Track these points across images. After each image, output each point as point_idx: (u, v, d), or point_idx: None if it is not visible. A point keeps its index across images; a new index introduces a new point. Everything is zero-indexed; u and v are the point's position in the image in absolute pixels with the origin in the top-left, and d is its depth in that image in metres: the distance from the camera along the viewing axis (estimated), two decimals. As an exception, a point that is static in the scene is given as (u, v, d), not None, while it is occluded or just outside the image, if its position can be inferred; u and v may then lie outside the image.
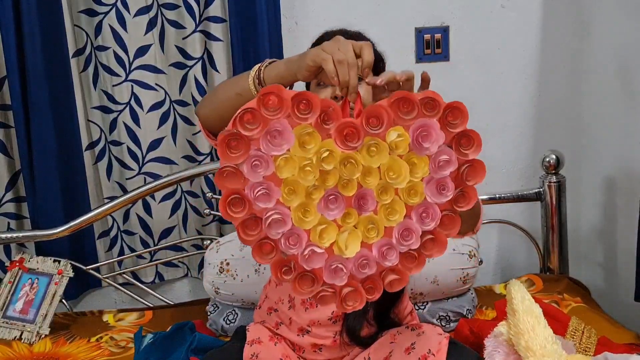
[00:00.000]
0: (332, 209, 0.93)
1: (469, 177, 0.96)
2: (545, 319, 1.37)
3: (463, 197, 0.97)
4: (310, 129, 0.90)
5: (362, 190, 0.94)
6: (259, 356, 1.40)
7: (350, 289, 0.97)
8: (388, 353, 1.36)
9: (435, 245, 0.98)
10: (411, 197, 0.95)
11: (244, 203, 0.92)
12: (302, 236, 0.94)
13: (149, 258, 2.28)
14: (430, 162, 0.94)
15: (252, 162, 0.90)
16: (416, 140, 0.92)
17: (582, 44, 2.25)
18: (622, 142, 2.07)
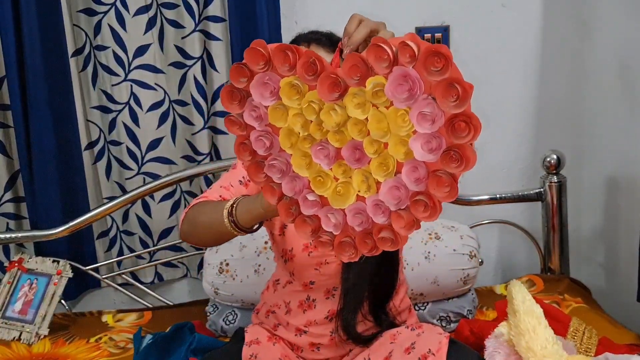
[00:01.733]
0: (322, 159, 0.94)
1: (461, 134, 0.85)
2: (546, 319, 1.37)
3: (458, 157, 0.86)
4: (295, 80, 0.93)
5: (353, 142, 0.92)
6: (258, 356, 1.40)
7: (347, 239, 0.98)
8: (388, 353, 1.35)
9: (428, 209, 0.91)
10: (398, 152, 0.90)
11: (250, 149, 1.00)
12: (301, 183, 0.98)
13: (148, 258, 2.28)
14: (410, 115, 0.86)
15: (250, 111, 0.97)
16: (392, 90, 0.86)
17: (582, 44, 2.25)
18: (623, 142, 2.06)
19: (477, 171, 2.54)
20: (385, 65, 0.86)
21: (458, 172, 0.87)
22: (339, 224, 0.97)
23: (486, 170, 2.34)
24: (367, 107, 0.89)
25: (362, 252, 0.99)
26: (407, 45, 0.83)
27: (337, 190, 0.95)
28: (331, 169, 0.96)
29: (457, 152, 0.85)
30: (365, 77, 0.88)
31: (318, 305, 1.44)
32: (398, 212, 0.93)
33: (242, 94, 0.98)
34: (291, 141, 0.96)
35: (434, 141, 0.86)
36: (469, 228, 2.03)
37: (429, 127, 0.85)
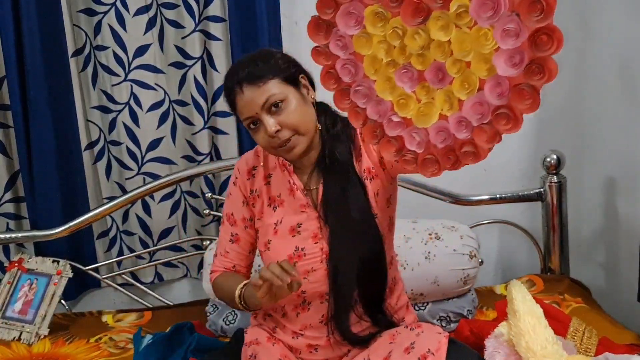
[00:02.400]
0: (405, 82, 0.98)
1: (544, 48, 0.90)
2: (546, 319, 1.37)
3: (540, 70, 0.91)
4: (379, 8, 0.97)
5: (436, 64, 0.95)
6: (258, 357, 1.41)
7: (429, 156, 1.02)
8: (387, 353, 1.35)
9: (510, 121, 0.95)
10: (481, 70, 0.93)
11: (336, 77, 1.05)
12: (385, 106, 1.02)
13: (148, 258, 2.28)
14: (494, 32, 0.89)
15: (335, 41, 1.02)
16: (476, 10, 0.89)
17: (583, 44, 2.25)
18: (623, 142, 2.06)
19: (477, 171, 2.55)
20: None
21: (540, 84, 0.90)
22: (422, 142, 1.01)
23: (486, 170, 2.34)
24: (450, 29, 0.92)
25: (445, 167, 1.04)
26: None
27: (421, 110, 0.99)
28: (414, 92, 0.99)
29: (539, 65, 0.89)
30: (448, 0, 0.91)
31: (312, 308, 1.44)
32: (481, 127, 0.97)
33: (327, 25, 1.03)
34: (375, 67, 1.01)
35: (517, 56, 0.89)
36: (469, 228, 2.03)
37: (512, 42, 0.88)
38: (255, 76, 1.33)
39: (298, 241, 1.42)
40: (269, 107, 1.32)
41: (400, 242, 1.87)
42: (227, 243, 1.52)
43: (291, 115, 1.33)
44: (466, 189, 2.23)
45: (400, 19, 0.96)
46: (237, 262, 1.53)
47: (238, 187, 1.51)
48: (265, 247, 1.46)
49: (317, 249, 1.41)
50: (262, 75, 1.32)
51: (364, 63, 1.03)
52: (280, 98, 1.32)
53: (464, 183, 2.28)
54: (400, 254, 1.84)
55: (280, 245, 1.43)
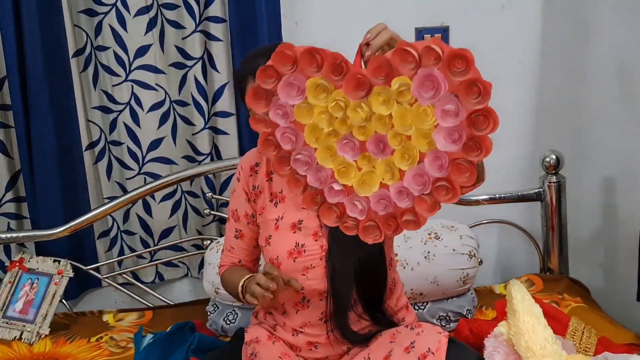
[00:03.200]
0: (347, 152, 1.00)
1: (480, 127, 0.94)
2: (545, 319, 1.37)
3: (477, 147, 0.95)
4: (321, 81, 0.99)
5: (377, 136, 0.98)
6: (258, 355, 1.41)
7: (371, 223, 1.04)
8: (388, 352, 1.36)
9: (449, 192, 0.98)
10: (421, 144, 0.96)
11: (276, 144, 1.06)
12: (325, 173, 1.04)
13: (149, 258, 2.28)
14: (435, 111, 0.94)
15: (275, 110, 1.03)
16: (418, 90, 0.93)
17: (581, 45, 2.25)
18: (622, 142, 2.07)
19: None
20: (411, 67, 0.92)
21: (477, 160, 0.95)
22: (364, 209, 1.03)
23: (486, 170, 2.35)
24: (392, 104, 0.95)
25: (386, 234, 1.05)
26: (433, 49, 0.91)
27: (362, 179, 1.01)
28: (355, 161, 1.01)
29: (476, 142, 0.94)
30: (390, 77, 0.94)
31: (311, 306, 1.45)
32: (421, 197, 1.00)
33: (268, 94, 1.03)
34: (316, 136, 1.02)
35: (456, 133, 0.93)
36: (469, 228, 2.03)
37: (452, 121, 0.92)
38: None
39: (298, 237, 1.43)
40: None
41: (400, 242, 1.88)
42: (232, 239, 1.56)
43: None
44: (466, 189, 2.24)
45: (343, 92, 0.98)
46: (243, 257, 1.56)
47: (241, 184, 1.53)
48: (266, 242, 1.47)
49: (317, 247, 1.42)
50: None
51: (304, 132, 1.03)
52: None
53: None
54: (400, 254, 1.85)
55: (281, 240, 1.45)
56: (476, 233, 2.02)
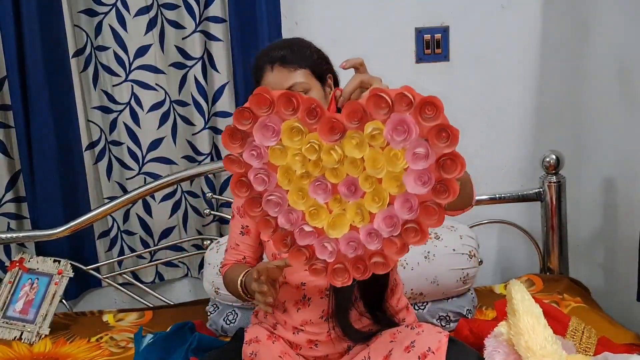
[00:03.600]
0: (319, 194, 1.03)
1: (449, 170, 0.98)
2: (545, 319, 1.37)
3: (445, 190, 0.99)
4: (296, 123, 1.01)
5: (349, 178, 1.01)
6: (258, 354, 1.41)
7: (339, 265, 1.06)
8: (388, 352, 1.36)
9: (418, 234, 1.02)
10: (392, 186, 0.99)
11: (248, 185, 1.07)
12: (296, 215, 1.06)
13: (149, 258, 2.28)
14: (405, 154, 0.98)
15: (250, 151, 1.05)
16: (390, 134, 0.97)
17: (581, 45, 2.25)
18: (622, 142, 2.07)
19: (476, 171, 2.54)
20: (384, 112, 0.96)
21: (445, 202, 0.99)
22: (334, 251, 1.05)
23: (486, 170, 2.35)
24: (364, 147, 0.99)
25: (354, 277, 1.08)
26: (405, 95, 0.94)
27: (333, 221, 1.04)
28: (327, 203, 1.04)
29: (445, 185, 0.97)
30: (364, 122, 0.98)
31: (312, 304, 1.45)
32: (390, 239, 1.03)
33: (243, 135, 1.06)
34: (288, 178, 1.04)
35: (425, 176, 0.97)
36: (469, 228, 2.03)
37: (422, 164, 0.97)
38: (289, 60, 1.36)
39: None
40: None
41: (400, 242, 1.88)
42: (237, 236, 1.55)
43: None
44: (466, 189, 2.24)
45: (317, 135, 1.01)
46: (248, 254, 1.55)
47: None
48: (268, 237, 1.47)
49: None
50: (295, 62, 1.36)
51: (277, 173, 1.06)
52: (305, 88, 1.36)
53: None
54: (400, 254, 1.85)
55: None
56: (476, 233, 2.02)
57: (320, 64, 1.41)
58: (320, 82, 1.40)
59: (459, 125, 1.01)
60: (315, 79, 1.39)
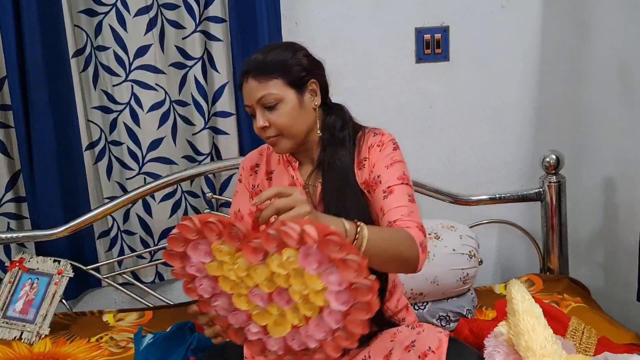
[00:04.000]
0: (258, 301, 1.10)
1: (362, 295, 1.02)
2: (545, 319, 1.37)
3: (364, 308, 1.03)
4: (223, 246, 1.09)
5: (281, 289, 1.08)
6: None
7: (289, 357, 1.13)
8: (388, 351, 1.36)
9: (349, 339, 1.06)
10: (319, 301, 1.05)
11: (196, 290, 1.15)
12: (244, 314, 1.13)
13: (149, 258, 2.28)
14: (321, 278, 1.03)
15: (190, 266, 1.13)
16: (303, 263, 1.03)
17: (581, 45, 2.25)
18: (622, 142, 2.07)
19: (476, 171, 2.54)
20: (295, 245, 1.02)
21: (365, 317, 1.04)
22: (281, 346, 1.12)
23: (486, 170, 2.35)
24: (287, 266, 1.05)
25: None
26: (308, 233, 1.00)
27: (275, 322, 1.10)
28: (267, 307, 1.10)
29: (363, 304, 1.02)
30: (281, 247, 1.03)
31: None
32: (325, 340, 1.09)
33: (181, 253, 1.13)
34: (229, 285, 1.11)
35: (343, 297, 1.03)
36: (469, 228, 2.03)
37: (337, 287, 1.02)
38: (261, 71, 1.37)
39: None
40: (263, 105, 1.37)
41: (400, 242, 1.88)
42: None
43: (282, 117, 1.37)
44: (465, 189, 2.24)
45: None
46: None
47: (243, 183, 1.55)
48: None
49: None
50: (267, 72, 1.36)
51: (219, 282, 1.12)
52: (276, 99, 1.36)
53: (464, 183, 2.29)
54: (400, 254, 1.85)
55: None
56: (476, 233, 2.02)
57: (296, 72, 1.38)
58: (297, 90, 1.38)
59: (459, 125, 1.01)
60: (291, 87, 1.38)
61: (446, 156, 2.33)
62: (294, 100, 1.38)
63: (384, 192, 1.38)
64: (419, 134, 2.31)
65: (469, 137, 2.33)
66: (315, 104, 1.42)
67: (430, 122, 2.31)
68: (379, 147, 1.43)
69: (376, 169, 1.41)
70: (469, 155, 2.34)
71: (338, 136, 1.44)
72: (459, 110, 2.31)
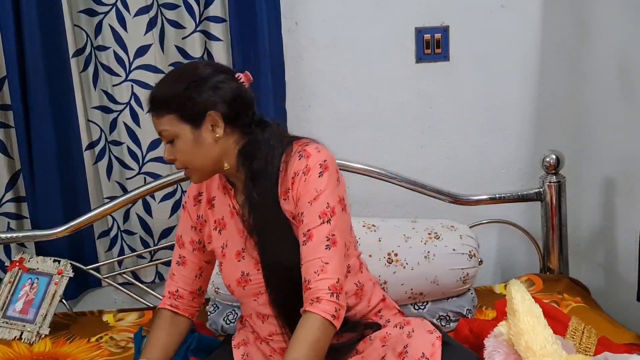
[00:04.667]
0: None
1: None
2: (545, 319, 1.37)
3: None
4: None
5: None
6: (250, 355, 1.42)
7: None
8: (380, 358, 1.35)
9: None
10: None
11: None
12: None
13: (149, 258, 2.28)
14: None
15: None
16: None
17: (581, 44, 2.25)
18: (622, 142, 2.07)
19: (476, 171, 2.54)
20: None
21: None
22: None
23: (486, 170, 2.35)
24: None
25: None
26: None
27: None
28: None
29: None
30: None
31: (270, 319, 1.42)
32: None
33: None
34: None
35: None
36: (469, 228, 2.03)
37: None
38: (155, 106, 1.34)
39: (243, 266, 1.42)
40: (164, 138, 1.35)
41: (400, 242, 1.88)
42: (174, 266, 1.54)
43: (181, 152, 1.34)
44: (466, 189, 2.24)
45: None
46: (181, 286, 1.53)
47: (187, 212, 1.52)
48: (220, 269, 1.48)
49: (259, 276, 1.39)
50: (160, 108, 1.33)
51: None
52: (171, 135, 1.33)
53: (464, 183, 2.29)
54: (400, 254, 1.85)
55: (229, 270, 1.44)
56: (476, 233, 2.02)
57: (189, 107, 1.30)
58: (192, 124, 1.31)
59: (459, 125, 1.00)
60: (185, 122, 1.31)
61: (446, 156, 2.33)
62: (188, 135, 1.32)
63: (304, 236, 1.30)
64: (419, 134, 2.31)
65: (469, 137, 2.33)
66: (216, 136, 1.33)
67: (430, 122, 2.31)
68: (304, 176, 1.32)
69: (300, 204, 1.32)
70: (469, 155, 2.34)
71: (255, 168, 1.35)
72: (459, 110, 2.30)
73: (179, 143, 1.33)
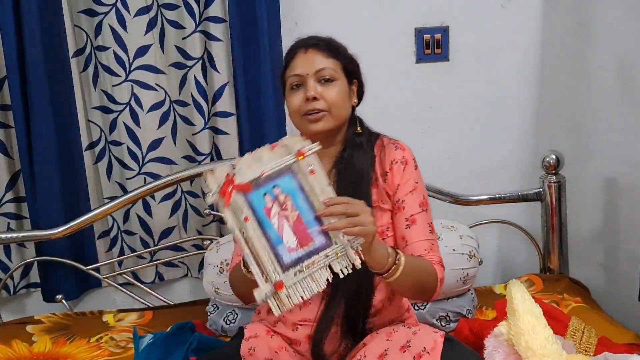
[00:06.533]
0: None
1: None
2: (545, 319, 1.37)
3: None
4: None
5: None
6: (256, 350, 1.42)
7: None
8: (383, 351, 1.35)
9: None
10: None
11: None
12: None
13: (149, 258, 2.28)
14: None
15: None
16: None
17: (582, 44, 2.25)
18: (622, 142, 2.07)
19: (476, 171, 2.54)
20: None
21: None
22: None
23: (486, 170, 2.35)
24: None
25: None
26: None
27: None
28: None
29: None
30: None
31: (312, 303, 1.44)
32: None
33: None
34: None
35: None
36: (469, 228, 2.03)
37: None
38: (329, 48, 1.44)
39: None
40: (319, 77, 1.41)
41: (400, 242, 1.88)
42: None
43: (334, 94, 1.41)
44: (466, 189, 2.24)
45: None
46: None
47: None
48: None
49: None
50: (333, 51, 1.44)
51: None
52: (334, 76, 1.42)
53: (464, 183, 2.29)
54: (400, 254, 1.85)
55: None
56: (476, 233, 2.02)
57: (352, 64, 1.48)
58: (348, 80, 1.46)
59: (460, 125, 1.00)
60: (344, 75, 1.45)
61: (446, 156, 2.33)
62: (345, 86, 1.45)
63: (407, 221, 1.44)
64: (419, 134, 2.31)
65: (469, 137, 2.33)
66: (354, 101, 1.49)
67: (431, 122, 2.31)
68: (402, 165, 1.46)
69: (400, 192, 1.45)
70: (469, 155, 2.34)
71: (357, 140, 1.47)
72: (459, 110, 2.31)
73: (335, 86, 1.42)
